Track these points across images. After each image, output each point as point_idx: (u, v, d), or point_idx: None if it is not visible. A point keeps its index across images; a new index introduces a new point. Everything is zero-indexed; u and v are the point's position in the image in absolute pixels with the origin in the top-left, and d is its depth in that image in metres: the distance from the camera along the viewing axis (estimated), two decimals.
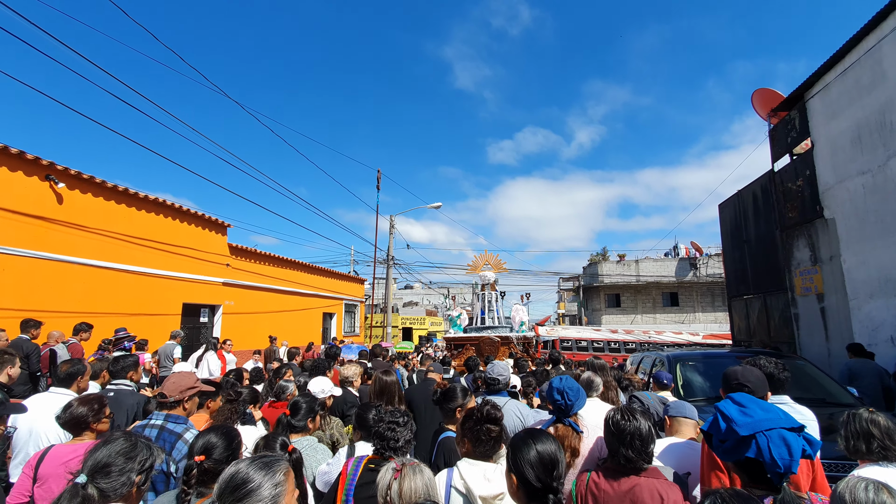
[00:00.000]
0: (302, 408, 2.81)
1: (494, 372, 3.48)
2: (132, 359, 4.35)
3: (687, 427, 2.80)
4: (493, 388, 3.45)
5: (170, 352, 8.47)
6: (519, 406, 3.30)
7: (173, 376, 2.75)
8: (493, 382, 3.45)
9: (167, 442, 2.45)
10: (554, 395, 2.63)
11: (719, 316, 27.64)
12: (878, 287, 6.49)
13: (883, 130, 6.18)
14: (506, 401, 3.30)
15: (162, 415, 2.57)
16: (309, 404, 2.86)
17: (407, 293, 47.92)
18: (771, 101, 9.68)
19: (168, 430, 2.50)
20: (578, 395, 2.65)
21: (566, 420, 2.61)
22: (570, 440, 2.52)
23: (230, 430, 2.09)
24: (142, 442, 1.65)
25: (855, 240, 6.93)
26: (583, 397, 2.71)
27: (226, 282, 11.40)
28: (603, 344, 21.04)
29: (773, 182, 9.26)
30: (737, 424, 1.52)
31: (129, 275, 8.81)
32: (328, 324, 17.41)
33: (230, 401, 3.17)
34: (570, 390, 2.60)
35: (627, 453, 1.89)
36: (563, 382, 2.69)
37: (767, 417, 1.49)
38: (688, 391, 5.14)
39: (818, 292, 7.90)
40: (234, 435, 2.08)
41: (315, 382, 3.54)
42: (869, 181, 6.53)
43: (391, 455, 2.18)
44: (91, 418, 2.55)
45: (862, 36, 6.41)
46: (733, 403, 1.62)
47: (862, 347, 6.23)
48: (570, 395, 2.58)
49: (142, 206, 9.21)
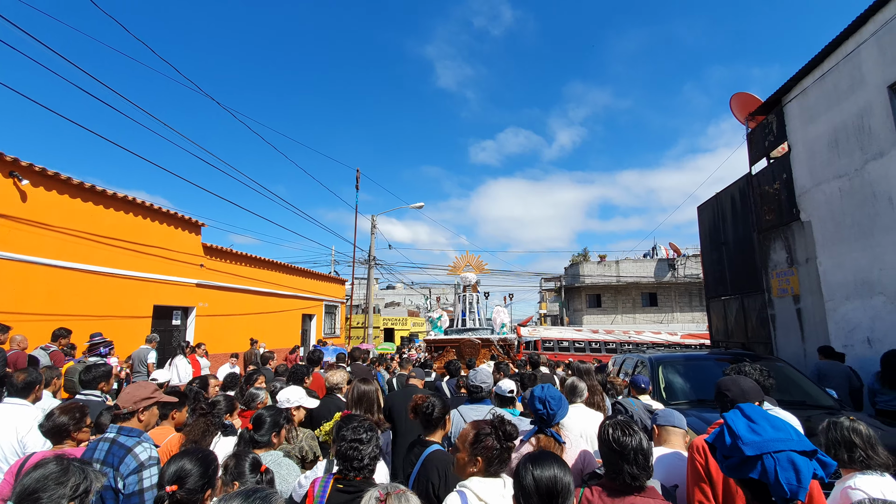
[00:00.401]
0: (266, 422, 2.62)
1: (477, 379, 3.36)
2: (104, 368, 4.13)
3: (676, 437, 2.71)
4: (475, 395, 3.33)
5: (144, 356, 8.15)
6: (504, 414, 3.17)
7: (129, 386, 2.57)
8: (476, 390, 3.33)
9: (116, 456, 2.27)
10: (535, 405, 2.54)
11: (696, 316, 28.18)
12: (853, 289, 6.60)
13: (861, 135, 6.27)
14: (489, 409, 3.19)
15: (115, 427, 2.37)
16: (273, 418, 2.67)
17: (389, 293, 47.53)
18: (749, 105, 9.82)
19: (118, 444, 2.31)
20: (560, 404, 2.55)
21: (548, 430, 2.51)
22: (552, 451, 2.44)
23: (206, 455, 1.91)
24: (75, 466, 1.47)
25: (831, 242, 7.04)
26: (565, 406, 2.62)
27: (199, 283, 11.00)
28: (584, 344, 21.19)
29: (751, 185, 9.38)
30: (743, 442, 1.41)
31: (95, 276, 8.39)
32: (307, 325, 17.06)
33: (203, 414, 2.95)
34: (551, 399, 2.51)
35: (633, 470, 1.78)
36: (544, 391, 2.59)
37: (777, 437, 1.39)
38: (670, 394, 5.10)
39: (794, 294, 8.02)
40: (210, 460, 1.90)
41: (284, 392, 3.34)
42: (846, 185, 6.63)
43: (356, 475, 2.05)
44: (72, 427, 2.65)
45: (841, 40, 6.50)
46: (742, 417, 1.51)
47: (832, 349, 6.46)
48: (552, 404, 2.49)
49: (110, 204, 8.79)
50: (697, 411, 4.55)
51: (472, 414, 3.17)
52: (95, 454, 2.28)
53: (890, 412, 4.80)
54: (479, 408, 3.24)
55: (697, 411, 4.55)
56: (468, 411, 3.22)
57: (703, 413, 4.48)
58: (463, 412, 3.23)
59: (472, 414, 3.17)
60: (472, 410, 3.23)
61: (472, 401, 3.37)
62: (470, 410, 3.24)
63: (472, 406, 3.28)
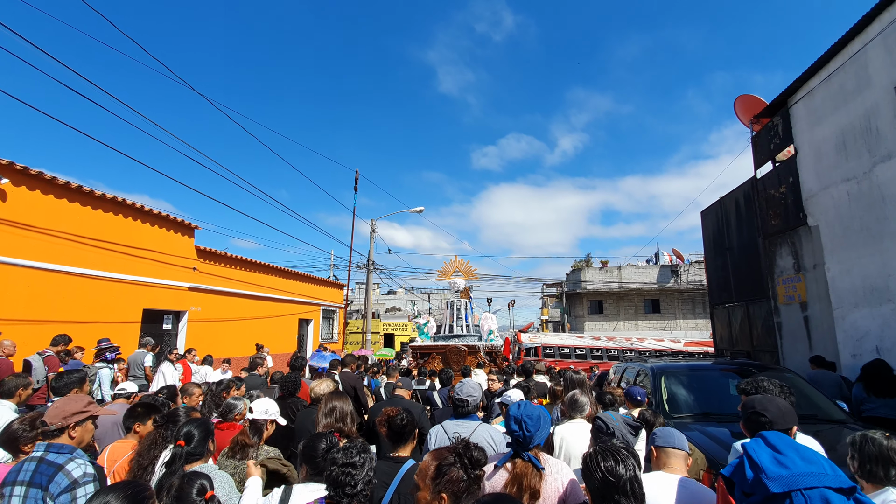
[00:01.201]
0: (195, 435, 2.41)
1: (464, 392, 3.05)
2: (77, 375, 3.93)
3: (677, 459, 2.45)
4: (461, 410, 3.04)
5: (140, 360, 8.05)
6: (492, 432, 2.92)
7: (59, 400, 2.36)
8: (462, 404, 3.04)
9: (44, 475, 2.07)
10: (511, 425, 2.23)
11: (700, 323, 27.82)
12: (863, 296, 6.34)
13: (868, 136, 6.05)
14: (476, 425, 2.93)
15: (42, 445, 2.16)
16: (203, 427, 2.46)
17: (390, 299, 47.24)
18: (754, 108, 9.61)
19: (47, 462, 2.10)
20: (539, 425, 2.21)
21: (525, 454, 2.19)
22: (529, 479, 2.12)
23: (136, 491, 1.68)
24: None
25: (839, 248, 6.79)
26: (545, 426, 2.27)
27: (192, 286, 10.80)
28: (585, 351, 20.88)
29: (756, 189, 9.15)
30: (769, 477, 1.17)
31: (81, 278, 8.19)
32: (304, 330, 16.82)
33: (158, 426, 2.74)
34: (528, 419, 2.19)
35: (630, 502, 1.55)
36: (521, 409, 2.27)
37: (809, 471, 1.15)
38: (673, 406, 4.84)
39: (801, 301, 7.77)
40: (140, 498, 1.67)
41: (262, 403, 3.11)
42: (854, 188, 6.40)
43: (350, 502, 1.82)
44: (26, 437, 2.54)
45: (847, 40, 6.30)
46: (766, 446, 1.28)
47: (823, 359, 6.45)
48: (529, 424, 2.17)
49: (98, 205, 8.61)
50: (702, 426, 4.30)
51: (458, 430, 2.90)
52: (20, 476, 2.06)
53: (875, 419, 4.77)
54: (466, 424, 2.97)
55: (702, 426, 4.30)
56: (453, 427, 2.94)
57: (707, 428, 4.23)
58: (447, 428, 2.94)
59: (458, 430, 2.90)
60: (458, 427, 2.95)
61: (457, 416, 3.07)
62: (455, 427, 2.96)
63: (458, 422, 3.00)
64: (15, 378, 3.81)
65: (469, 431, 2.84)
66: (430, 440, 2.90)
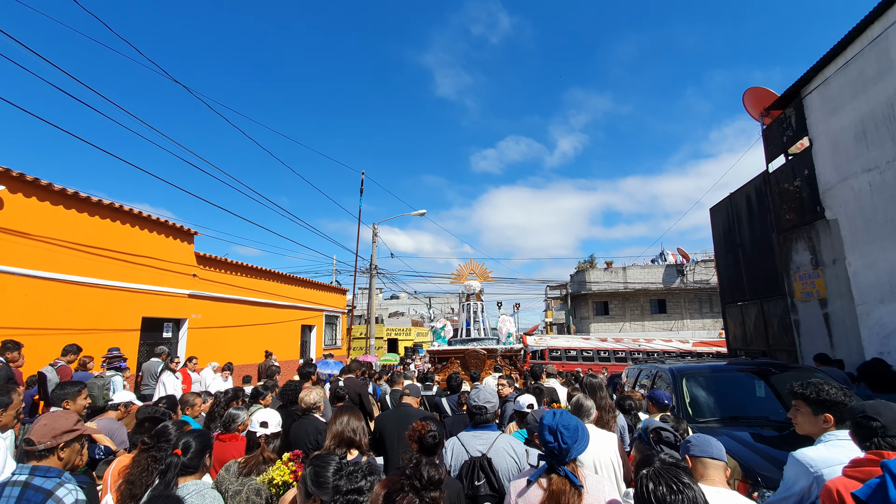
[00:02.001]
0: (192, 447, 2.18)
1: (480, 399, 2.77)
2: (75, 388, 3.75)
3: (715, 471, 2.19)
4: (478, 418, 2.77)
5: (154, 369, 7.95)
6: (513, 443, 2.64)
7: (44, 416, 2.10)
8: (479, 411, 2.76)
9: (31, 503, 1.82)
10: (545, 436, 1.98)
11: (707, 323, 27.48)
12: (889, 291, 6.07)
13: (892, 123, 5.80)
14: (495, 436, 2.66)
15: (27, 468, 1.92)
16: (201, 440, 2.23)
17: (393, 303, 47.03)
18: (764, 101, 9.38)
19: (34, 488, 1.87)
20: (577, 436, 1.98)
21: (561, 469, 1.95)
22: (568, 497, 1.89)
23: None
24: None
25: (861, 241, 6.52)
26: (584, 439, 2.03)
27: (192, 293, 10.59)
28: (592, 353, 20.55)
29: (768, 183, 8.90)
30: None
31: (78, 286, 7.99)
32: (307, 337, 16.58)
33: (146, 448, 2.49)
34: (565, 430, 1.96)
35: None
36: (557, 418, 2.02)
37: None
38: (696, 410, 4.58)
39: (821, 297, 7.50)
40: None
41: (261, 415, 2.86)
42: (876, 178, 6.14)
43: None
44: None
45: (865, 26, 6.06)
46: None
47: (827, 357, 6.39)
48: (566, 436, 1.94)
49: (95, 212, 8.41)
50: (728, 430, 4.04)
51: (474, 443, 2.62)
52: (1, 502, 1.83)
53: None
54: (484, 434, 2.69)
55: (728, 430, 4.04)
56: (470, 439, 2.66)
57: (734, 432, 3.97)
58: (464, 440, 2.67)
59: (474, 443, 2.62)
60: (476, 438, 2.67)
61: (474, 425, 2.79)
62: (473, 438, 2.68)
63: (476, 433, 2.72)
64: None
65: (488, 443, 2.59)
66: (445, 454, 2.62)
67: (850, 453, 1.97)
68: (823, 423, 2.16)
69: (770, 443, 3.75)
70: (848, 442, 2.04)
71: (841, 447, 2.02)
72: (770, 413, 4.38)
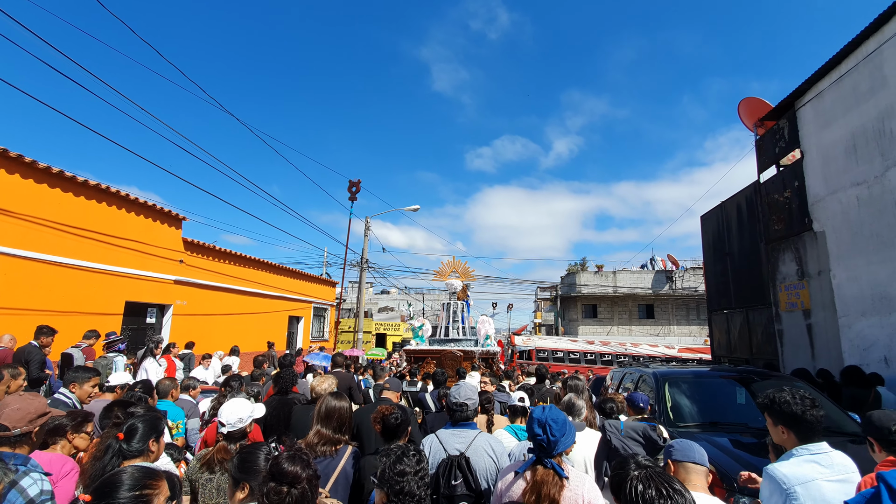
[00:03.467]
0: (137, 430, 2.10)
1: (461, 395, 2.72)
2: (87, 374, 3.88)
3: (697, 476, 2.21)
4: (458, 415, 2.71)
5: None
6: (491, 442, 2.60)
7: (15, 401, 2.02)
8: (460, 409, 2.70)
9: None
10: (535, 429, 2.05)
11: (693, 329, 27.75)
12: (870, 304, 6.15)
13: (882, 139, 5.86)
14: (474, 435, 2.62)
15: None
16: (149, 424, 2.15)
17: (383, 298, 46.90)
18: (758, 111, 9.44)
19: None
20: (565, 430, 2.06)
21: (548, 461, 2.01)
22: (549, 488, 1.93)
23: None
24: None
25: (846, 254, 6.60)
26: (571, 432, 2.11)
27: (178, 279, 10.45)
28: (579, 355, 20.67)
29: (759, 193, 8.97)
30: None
31: (60, 267, 7.83)
32: (294, 328, 16.47)
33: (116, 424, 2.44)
34: (553, 423, 2.03)
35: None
36: (546, 413, 2.10)
37: None
38: (677, 415, 4.61)
39: (805, 308, 7.58)
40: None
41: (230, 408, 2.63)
42: (864, 193, 6.21)
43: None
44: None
45: (861, 41, 6.11)
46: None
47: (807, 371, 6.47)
48: (555, 429, 2.01)
49: (80, 192, 8.25)
50: (708, 435, 4.06)
51: (453, 441, 2.56)
52: None
53: None
54: (463, 433, 2.63)
55: (708, 435, 4.06)
56: (449, 437, 2.60)
57: (714, 437, 4.00)
58: (443, 438, 2.60)
59: (453, 441, 2.56)
60: (454, 437, 2.60)
61: (453, 423, 2.72)
62: (451, 437, 2.58)
63: (455, 431, 2.65)
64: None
65: (467, 441, 2.55)
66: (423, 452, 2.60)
67: (825, 469, 1.98)
68: (783, 434, 2.16)
69: (748, 449, 3.79)
70: (822, 456, 2.02)
71: (814, 462, 2.00)
72: (749, 420, 4.42)
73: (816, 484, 1.93)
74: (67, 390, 3.84)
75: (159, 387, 4.35)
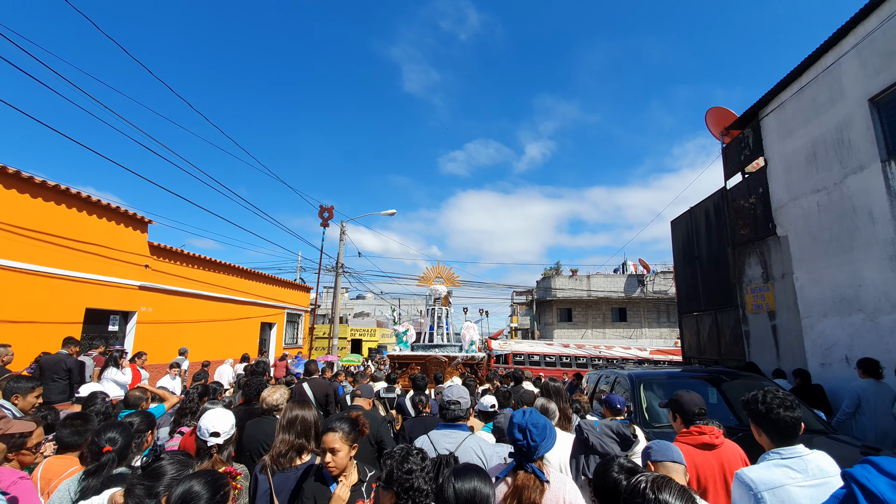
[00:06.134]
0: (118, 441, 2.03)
1: (454, 394, 2.78)
2: (29, 384, 3.72)
3: (677, 475, 2.22)
4: (450, 413, 2.74)
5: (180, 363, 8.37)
6: (482, 444, 2.62)
7: None
8: (452, 406, 2.73)
9: None
10: (514, 434, 2.05)
11: (664, 331, 28.48)
12: (831, 306, 6.43)
13: (840, 148, 6.15)
14: (464, 436, 2.62)
15: None
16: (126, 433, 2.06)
17: (358, 304, 46.36)
18: (724, 120, 9.80)
19: None
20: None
21: (529, 466, 2.02)
22: (531, 492, 1.94)
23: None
24: None
25: (808, 258, 6.89)
26: (551, 436, 2.12)
27: (143, 285, 10.02)
28: (555, 358, 20.89)
29: (726, 200, 9.29)
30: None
31: (14, 273, 7.39)
32: (266, 335, 16.05)
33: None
34: (533, 428, 2.03)
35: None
36: (526, 417, 2.10)
37: None
38: (652, 416, 4.67)
39: (770, 310, 7.86)
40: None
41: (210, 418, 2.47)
42: (824, 199, 6.50)
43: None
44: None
45: (820, 54, 6.42)
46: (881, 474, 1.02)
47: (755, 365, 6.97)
48: (535, 433, 2.02)
49: (38, 193, 7.82)
50: None
51: (443, 441, 2.59)
52: None
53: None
54: (454, 433, 2.67)
55: None
56: (440, 438, 2.63)
57: None
58: (434, 439, 2.64)
59: (443, 441, 2.59)
60: (445, 437, 2.64)
61: (445, 422, 2.76)
62: (442, 437, 2.65)
63: (446, 431, 2.69)
64: None
65: (457, 443, 2.58)
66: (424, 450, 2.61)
67: (796, 474, 1.92)
68: (758, 435, 2.18)
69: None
70: (794, 460, 1.97)
71: (785, 467, 1.95)
72: (721, 419, 4.50)
73: (786, 489, 1.87)
74: (9, 402, 3.64)
75: (129, 398, 4.15)
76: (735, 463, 2.66)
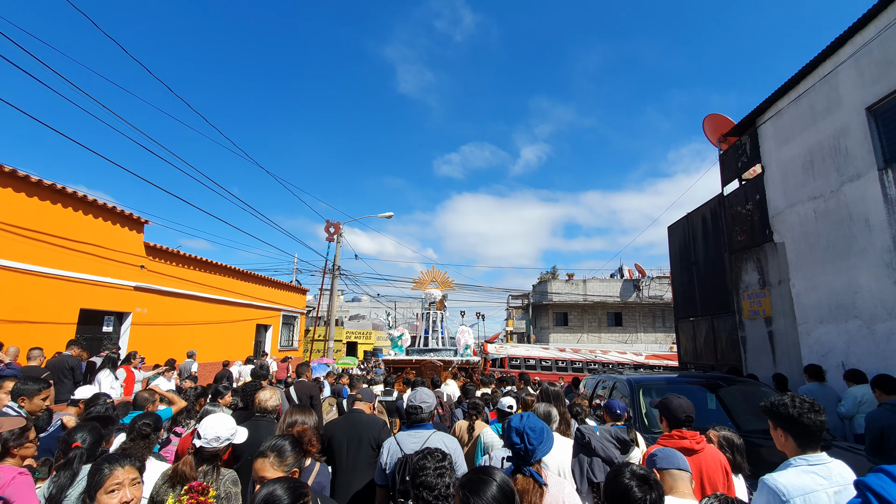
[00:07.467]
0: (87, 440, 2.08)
1: (417, 399, 2.95)
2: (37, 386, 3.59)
3: (683, 482, 2.22)
4: (414, 417, 2.90)
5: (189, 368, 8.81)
6: (445, 440, 2.75)
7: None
8: (415, 411, 2.89)
9: None
10: (513, 438, 2.07)
11: (660, 336, 28.57)
12: (828, 312, 6.46)
13: (837, 156, 6.20)
14: (429, 434, 2.77)
15: None
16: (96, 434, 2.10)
17: (354, 306, 46.23)
18: (722, 127, 9.86)
19: None
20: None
21: (526, 469, 2.03)
22: (530, 496, 1.96)
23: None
24: None
25: (805, 264, 6.93)
26: (548, 440, 2.14)
27: (138, 286, 9.94)
28: (551, 363, 20.89)
29: (723, 206, 9.35)
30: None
31: (8, 272, 7.31)
32: (262, 337, 15.96)
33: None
34: (531, 432, 2.06)
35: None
36: (524, 421, 2.12)
37: None
38: (652, 422, 4.66)
39: (766, 316, 7.90)
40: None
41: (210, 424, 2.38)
42: (821, 206, 6.55)
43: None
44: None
45: (818, 62, 6.48)
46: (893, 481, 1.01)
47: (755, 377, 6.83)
48: (532, 437, 2.04)
49: (33, 192, 7.75)
50: None
51: (409, 441, 2.71)
52: None
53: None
54: (419, 433, 2.80)
55: None
56: (405, 438, 2.76)
57: None
58: (400, 439, 2.77)
59: (409, 441, 2.71)
60: (410, 437, 2.77)
61: (409, 424, 2.91)
62: (408, 437, 2.78)
63: (411, 432, 2.82)
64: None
65: (422, 441, 2.69)
66: (382, 454, 2.74)
67: (824, 480, 1.90)
68: (782, 438, 2.16)
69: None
70: (820, 467, 1.95)
71: (812, 473, 1.93)
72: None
73: (817, 495, 1.85)
74: (16, 403, 3.58)
75: (137, 399, 4.12)
76: (715, 469, 2.69)
